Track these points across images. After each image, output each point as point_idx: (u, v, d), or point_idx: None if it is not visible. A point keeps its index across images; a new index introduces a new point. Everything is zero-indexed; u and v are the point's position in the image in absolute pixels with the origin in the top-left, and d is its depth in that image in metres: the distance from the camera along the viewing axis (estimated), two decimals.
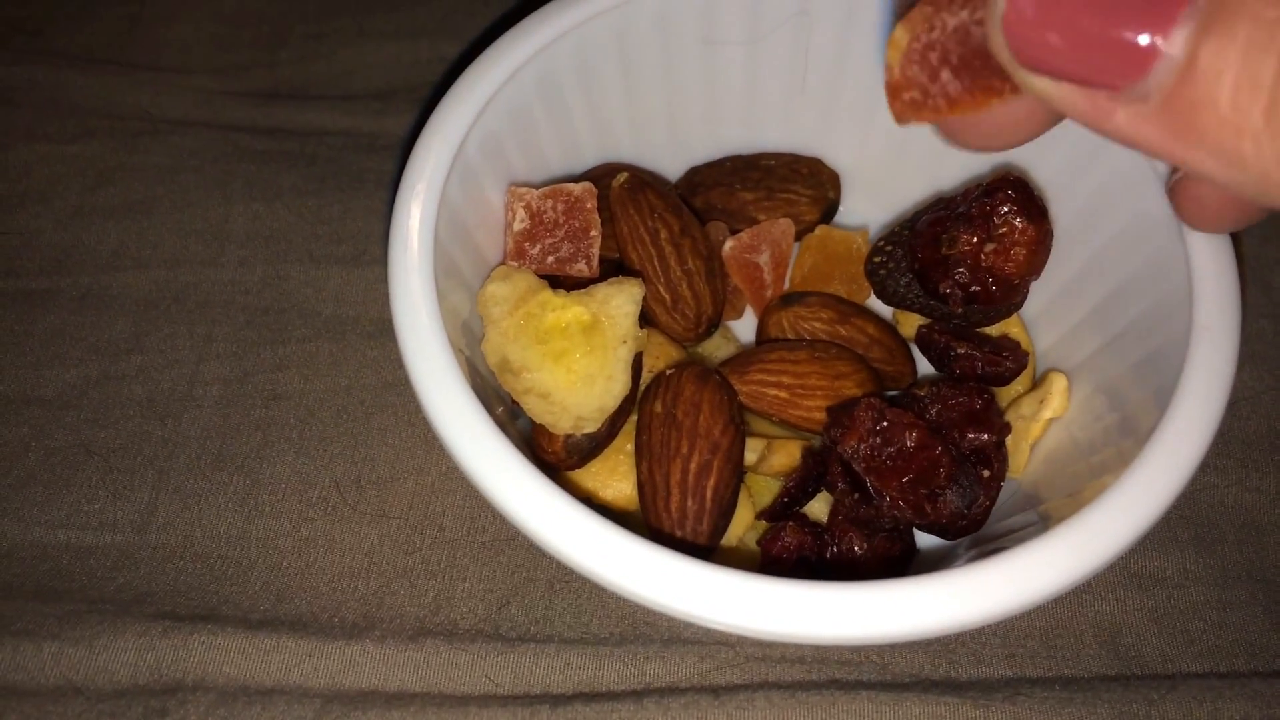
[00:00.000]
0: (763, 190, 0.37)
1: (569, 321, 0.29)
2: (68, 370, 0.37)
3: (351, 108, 0.43)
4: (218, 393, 0.37)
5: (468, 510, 0.34)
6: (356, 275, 0.39)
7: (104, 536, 0.34)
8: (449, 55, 0.44)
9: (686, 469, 0.29)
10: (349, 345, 0.38)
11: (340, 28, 0.45)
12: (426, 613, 0.32)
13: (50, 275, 0.39)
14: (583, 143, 0.36)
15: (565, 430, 0.29)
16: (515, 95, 0.32)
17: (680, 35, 0.34)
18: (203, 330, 0.38)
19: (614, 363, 0.29)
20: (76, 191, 0.41)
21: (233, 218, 0.40)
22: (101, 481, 0.35)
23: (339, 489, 0.35)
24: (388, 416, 0.36)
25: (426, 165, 0.30)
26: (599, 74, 0.34)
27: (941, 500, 0.29)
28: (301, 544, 0.34)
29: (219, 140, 0.42)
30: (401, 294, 0.28)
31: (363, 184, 0.41)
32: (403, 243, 0.28)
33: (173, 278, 0.39)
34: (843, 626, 0.23)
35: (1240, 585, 0.33)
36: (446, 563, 0.33)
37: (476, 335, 0.31)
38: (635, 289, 0.30)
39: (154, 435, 0.36)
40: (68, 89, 0.43)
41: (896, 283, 0.34)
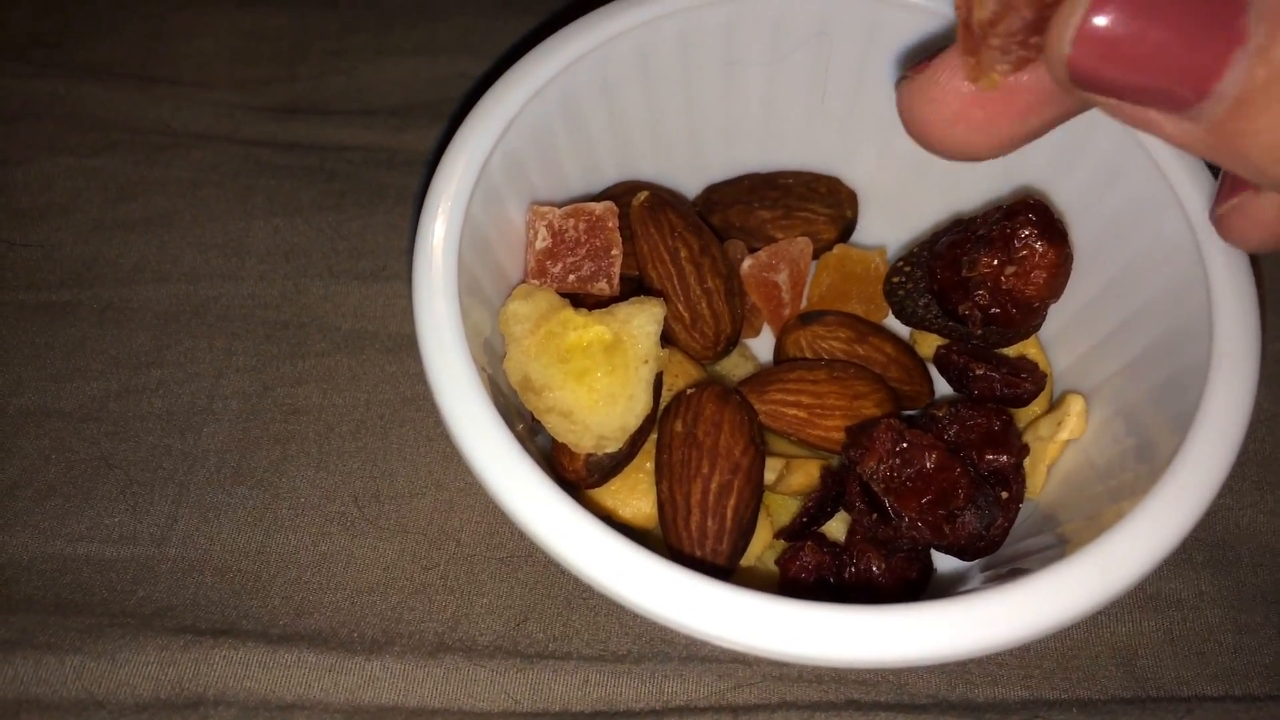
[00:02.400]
0: (780, 209, 0.37)
1: (590, 340, 0.30)
2: (88, 383, 0.37)
3: (371, 123, 0.43)
4: (237, 407, 0.37)
5: (486, 526, 0.35)
6: (376, 290, 0.39)
7: (124, 550, 0.34)
8: (468, 71, 0.44)
9: (707, 489, 0.29)
10: (368, 360, 0.38)
11: (360, 44, 0.45)
12: (445, 628, 0.32)
13: (71, 288, 0.39)
14: (603, 161, 0.36)
15: (587, 449, 0.29)
16: (538, 114, 0.32)
17: (701, 55, 0.34)
18: (222, 344, 0.38)
19: (635, 382, 0.29)
20: (98, 205, 0.41)
21: (253, 232, 0.40)
22: (121, 495, 0.35)
23: (358, 504, 0.35)
24: (406, 431, 0.36)
25: (450, 183, 0.30)
26: (621, 94, 0.34)
27: (960, 521, 0.29)
28: (321, 559, 0.34)
29: (239, 155, 0.42)
30: (425, 311, 0.28)
31: (382, 199, 0.41)
32: (426, 260, 0.29)
33: (193, 291, 0.39)
34: (863, 649, 0.24)
35: (1256, 608, 0.33)
36: (465, 578, 0.34)
37: (498, 353, 0.31)
38: (657, 309, 0.30)
39: (174, 449, 0.36)
40: (89, 102, 0.43)
41: (915, 303, 0.34)
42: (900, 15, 0.33)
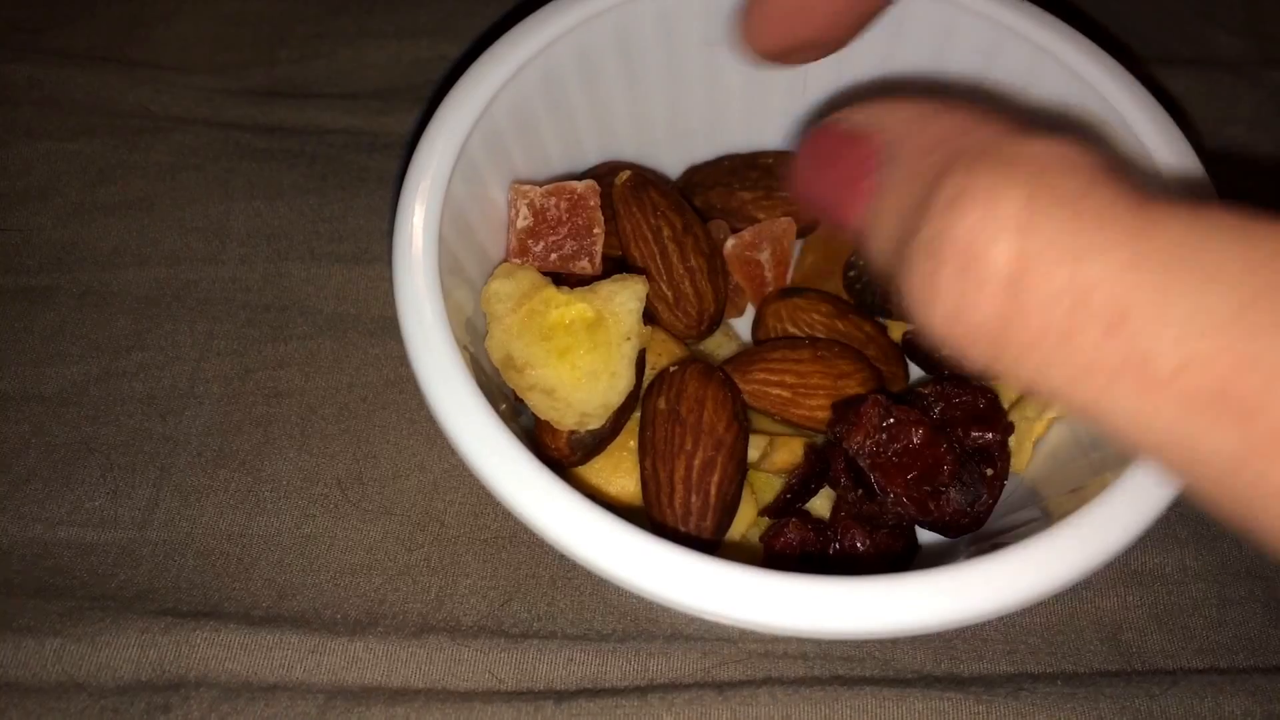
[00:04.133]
0: (761, 190, 0.37)
1: (573, 318, 0.29)
2: (68, 367, 0.37)
3: (352, 106, 0.43)
4: (219, 390, 0.37)
5: (470, 507, 0.34)
6: (358, 273, 0.39)
7: (105, 533, 0.34)
8: (450, 54, 0.44)
9: (690, 465, 0.29)
10: (350, 343, 0.38)
11: (341, 27, 0.45)
12: (429, 609, 0.32)
13: (50, 272, 0.39)
14: (584, 141, 0.36)
15: (569, 426, 0.29)
16: (518, 93, 0.32)
17: (682, 35, 0.34)
18: (204, 327, 0.38)
19: (618, 359, 0.29)
20: (77, 189, 0.41)
21: (234, 215, 0.40)
22: (102, 478, 0.35)
23: (341, 486, 0.35)
24: (389, 414, 0.36)
25: (430, 163, 0.30)
26: (601, 73, 0.34)
27: (945, 498, 0.29)
28: (303, 541, 0.34)
29: (220, 138, 0.42)
30: (406, 291, 0.28)
31: (364, 182, 0.41)
32: (406, 240, 0.28)
33: (173, 275, 0.39)
34: (848, 620, 0.23)
35: (1240, 582, 0.34)
36: (449, 559, 0.33)
37: (480, 332, 0.31)
38: (639, 286, 0.30)
39: (155, 432, 0.36)
40: (68, 86, 0.43)
41: (873, 293, 0.34)
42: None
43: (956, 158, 0.17)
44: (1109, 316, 0.15)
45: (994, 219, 0.16)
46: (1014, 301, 0.16)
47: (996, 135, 0.18)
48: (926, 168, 0.18)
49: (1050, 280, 0.16)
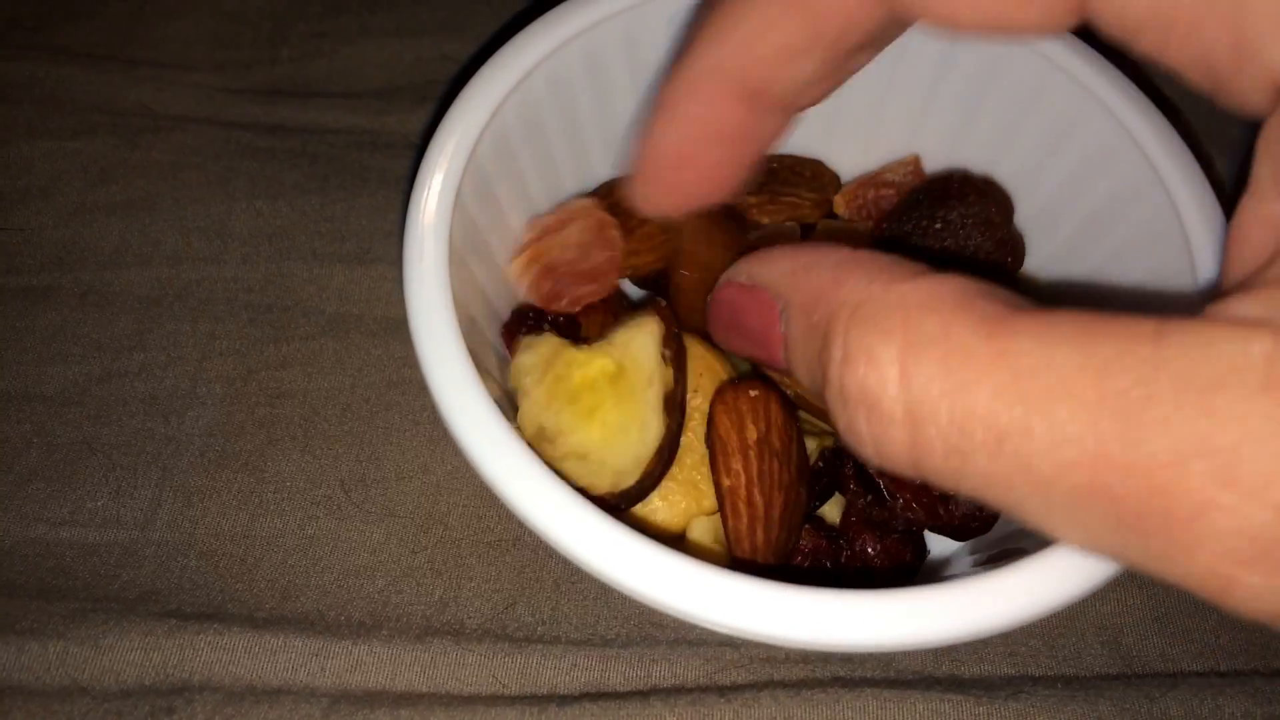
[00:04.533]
0: (766, 194, 0.37)
1: (596, 375, 0.29)
2: (70, 367, 0.37)
3: (354, 105, 0.43)
4: (221, 390, 0.37)
5: (474, 510, 0.34)
6: (360, 273, 0.39)
7: (107, 534, 0.34)
8: (452, 53, 0.44)
9: (788, 501, 0.29)
10: (352, 343, 0.38)
11: (342, 25, 0.45)
12: (433, 612, 0.32)
13: (52, 272, 0.39)
14: (590, 143, 0.36)
15: (605, 490, 0.29)
16: (527, 96, 0.32)
17: None
18: (206, 328, 0.38)
19: (644, 408, 0.29)
20: (78, 188, 0.40)
21: (235, 215, 0.40)
22: (104, 479, 0.35)
23: (344, 487, 0.35)
24: (393, 415, 0.36)
25: (440, 166, 0.29)
26: (609, 76, 0.34)
27: (954, 503, 0.29)
28: (307, 542, 0.34)
29: (221, 137, 0.42)
30: (416, 295, 0.28)
31: (366, 182, 0.41)
32: (417, 243, 0.28)
33: (175, 275, 0.39)
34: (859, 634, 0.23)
35: None
36: (453, 562, 0.33)
37: (487, 338, 0.31)
38: (654, 326, 0.30)
39: (157, 433, 0.36)
40: (69, 85, 0.43)
41: None
42: None
43: (835, 317, 0.20)
44: (990, 439, 0.18)
45: (878, 374, 0.19)
46: (917, 436, 0.19)
47: (865, 285, 0.20)
48: (813, 326, 0.21)
49: (937, 416, 0.18)
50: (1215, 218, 0.29)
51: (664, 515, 0.30)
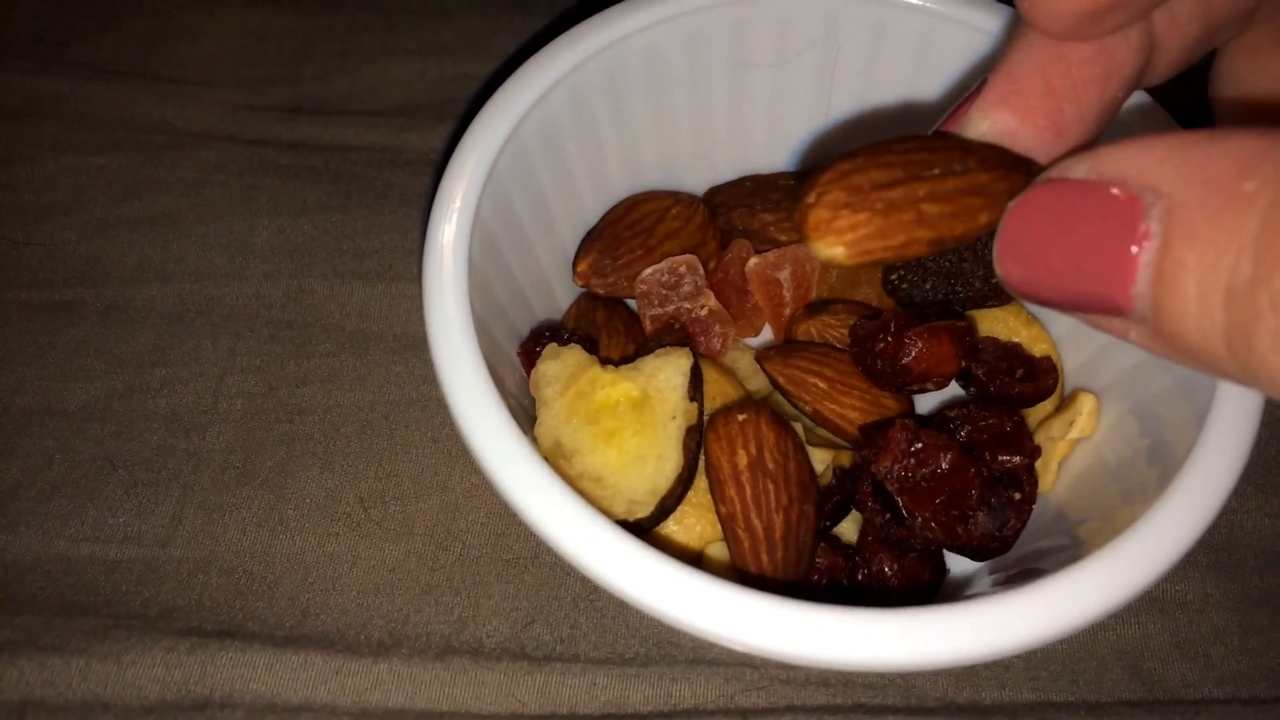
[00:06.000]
0: (783, 211, 0.37)
1: (619, 399, 0.29)
2: (92, 383, 0.37)
3: (376, 123, 0.43)
4: (242, 406, 0.37)
5: (492, 527, 0.34)
6: (380, 290, 0.39)
7: (128, 550, 0.34)
8: (473, 72, 0.44)
9: (789, 520, 0.29)
10: (373, 360, 0.38)
11: (365, 44, 0.45)
12: (452, 631, 0.32)
13: (75, 287, 0.39)
14: (610, 162, 0.36)
15: (619, 515, 0.29)
16: (546, 115, 0.32)
17: (708, 57, 0.34)
18: (227, 344, 0.38)
19: (665, 440, 0.29)
20: (101, 204, 0.41)
21: (257, 231, 0.40)
22: (126, 495, 0.35)
23: (363, 505, 0.35)
24: (412, 432, 0.36)
25: (460, 183, 0.30)
26: (628, 95, 0.34)
27: (973, 522, 0.29)
28: (326, 560, 0.34)
29: (244, 154, 0.42)
30: (436, 312, 0.28)
31: (387, 199, 0.41)
32: (437, 261, 0.29)
33: (197, 291, 0.39)
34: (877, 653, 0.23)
35: (1261, 610, 0.33)
36: (471, 580, 0.33)
37: (507, 356, 0.31)
38: (683, 360, 0.30)
39: (178, 449, 0.36)
40: (93, 101, 0.43)
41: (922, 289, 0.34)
42: (906, 17, 0.33)
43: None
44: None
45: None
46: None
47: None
48: (1243, 201, 0.15)
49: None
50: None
51: (680, 539, 0.30)
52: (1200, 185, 0.16)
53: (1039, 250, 0.19)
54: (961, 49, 0.33)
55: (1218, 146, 0.16)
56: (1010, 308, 0.35)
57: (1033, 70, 0.22)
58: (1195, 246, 0.16)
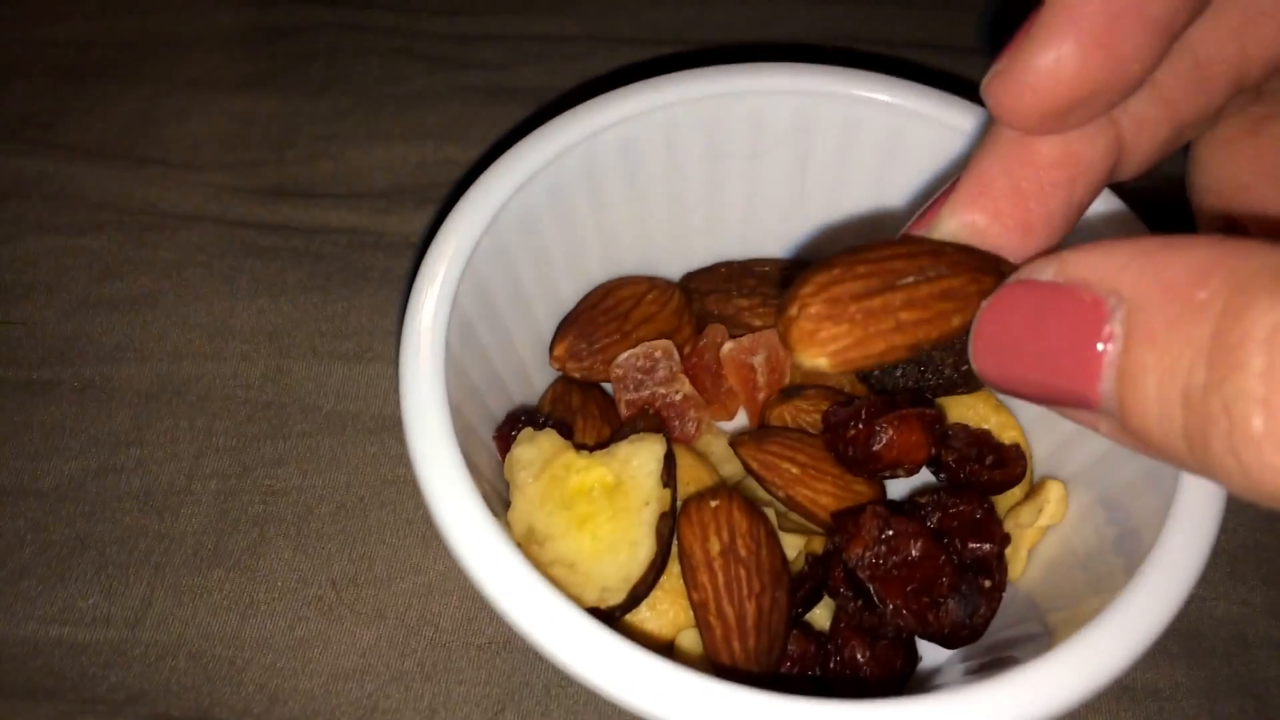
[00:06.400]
0: (758, 297, 0.38)
1: (593, 484, 0.29)
2: (66, 462, 0.37)
3: (357, 206, 0.44)
4: (216, 487, 0.37)
5: (464, 612, 0.34)
6: (359, 371, 0.39)
7: (97, 633, 0.33)
8: (454, 158, 0.45)
9: (761, 608, 0.29)
10: (349, 441, 0.38)
11: (348, 129, 0.46)
12: (422, 718, 0.32)
13: (53, 366, 0.39)
14: (588, 250, 0.36)
15: (590, 603, 0.29)
16: (525, 204, 0.32)
17: (685, 149, 0.35)
18: (203, 424, 0.38)
19: (638, 526, 0.29)
20: (83, 283, 0.41)
21: (237, 312, 0.41)
22: (96, 576, 0.35)
23: (335, 588, 0.35)
24: (386, 513, 0.36)
25: (439, 269, 0.30)
26: (606, 185, 0.35)
27: (944, 609, 0.29)
28: (297, 644, 0.33)
29: (226, 236, 0.43)
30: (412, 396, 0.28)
31: (367, 281, 0.42)
32: (414, 344, 0.29)
33: (175, 371, 0.39)
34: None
35: (1231, 698, 0.34)
36: (443, 666, 0.33)
37: (483, 441, 0.31)
38: (657, 446, 0.30)
39: (150, 530, 0.36)
40: (78, 182, 0.44)
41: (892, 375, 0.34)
42: (876, 114, 0.34)
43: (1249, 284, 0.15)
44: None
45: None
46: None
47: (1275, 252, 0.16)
48: (1199, 307, 0.16)
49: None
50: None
51: (653, 625, 0.30)
52: (1159, 291, 0.17)
53: (1012, 348, 0.20)
54: (932, 144, 0.34)
55: (1175, 254, 0.17)
56: (980, 395, 0.35)
57: (1002, 173, 0.23)
58: (1154, 350, 0.17)
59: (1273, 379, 0.15)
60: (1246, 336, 0.15)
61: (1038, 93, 0.22)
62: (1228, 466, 0.16)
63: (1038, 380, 0.19)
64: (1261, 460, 0.15)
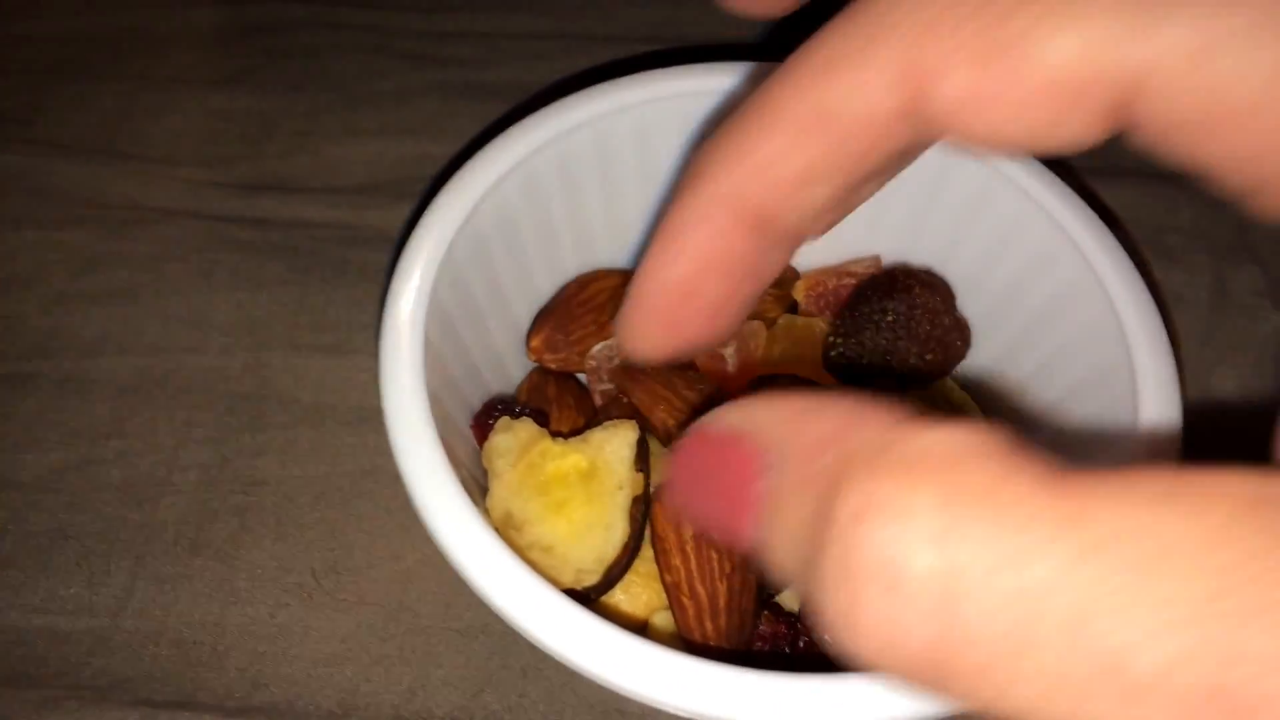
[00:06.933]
0: None
1: (568, 470, 0.30)
2: (47, 454, 0.37)
3: (336, 201, 0.44)
4: (196, 478, 0.37)
5: (443, 597, 0.35)
6: (337, 364, 0.40)
7: (80, 621, 0.34)
8: (432, 152, 0.46)
9: (732, 588, 0.30)
10: (328, 432, 0.38)
11: (327, 124, 0.47)
12: (402, 700, 0.33)
13: (32, 360, 0.39)
14: (562, 243, 0.37)
15: (567, 585, 0.29)
16: (501, 198, 0.33)
17: (657, 147, 0.36)
18: (183, 416, 0.38)
19: (612, 510, 0.30)
20: (62, 278, 0.41)
21: (216, 306, 0.41)
22: (78, 566, 0.35)
23: (315, 575, 0.35)
24: (365, 503, 0.37)
25: (417, 263, 0.31)
26: (580, 180, 0.35)
27: None
28: (278, 631, 0.34)
29: (205, 230, 0.43)
30: (392, 386, 0.29)
31: (345, 275, 0.42)
32: (394, 337, 0.30)
33: (154, 364, 0.40)
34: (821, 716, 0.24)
35: None
36: (422, 650, 0.34)
37: (460, 431, 0.32)
38: (629, 432, 0.31)
39: (131, 520, 0.36)
40: (56, 177, 0.44)
41: (859, 365, 0.36)
42: None
43: (850, 462, 0.16)
44: (1068, 622, 0.13)
45: (910, 530, 0.14)
46: (953, 620, 0.14)
47: (887, 429, 0.16)
48: (817, 474, 0.17)
49: (990, 591, 0.14)
50: (1151, 316, 0.31)
51: (627, 607, 0.31)
52: (795, 453, 0.18)
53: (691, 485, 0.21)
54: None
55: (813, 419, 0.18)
56: (944, 383, 0.36)
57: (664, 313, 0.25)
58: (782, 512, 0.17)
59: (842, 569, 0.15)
60: (832, 520, 0.15)
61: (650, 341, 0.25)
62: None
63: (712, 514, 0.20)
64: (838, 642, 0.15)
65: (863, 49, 0.21)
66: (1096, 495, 0.14)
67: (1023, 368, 0.35)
